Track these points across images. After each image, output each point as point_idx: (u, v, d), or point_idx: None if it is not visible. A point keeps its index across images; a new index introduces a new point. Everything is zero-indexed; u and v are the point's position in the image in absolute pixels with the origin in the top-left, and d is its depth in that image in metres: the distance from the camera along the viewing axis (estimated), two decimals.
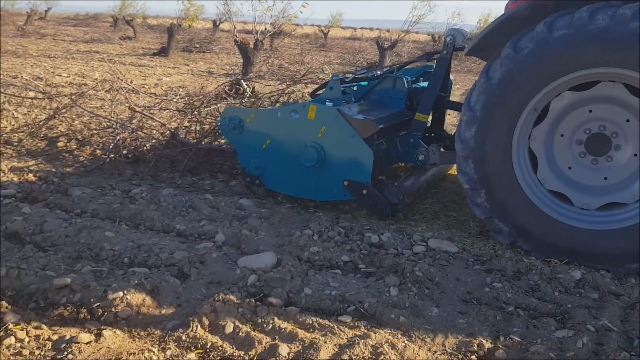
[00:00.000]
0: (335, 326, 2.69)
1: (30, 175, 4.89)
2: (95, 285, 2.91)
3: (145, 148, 5.54)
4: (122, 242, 3.58)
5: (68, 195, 4.44)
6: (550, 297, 3.22)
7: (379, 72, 5.40)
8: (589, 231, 3.55)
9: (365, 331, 2.69)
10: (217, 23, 28.04)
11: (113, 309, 2.75)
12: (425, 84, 5.32)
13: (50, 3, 35.06)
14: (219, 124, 5.08)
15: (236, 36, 12.42)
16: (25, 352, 2.38)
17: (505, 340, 2.75)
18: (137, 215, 4.12)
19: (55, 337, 2.49)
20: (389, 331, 2.72)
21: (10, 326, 2.52)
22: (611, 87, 3.52)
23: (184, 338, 2.56)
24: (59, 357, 2.36)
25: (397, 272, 3.39)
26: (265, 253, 3.51)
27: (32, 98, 7.78)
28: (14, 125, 6.59)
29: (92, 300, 2.82)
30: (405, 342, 2.62)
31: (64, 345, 2.43)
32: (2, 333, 2.47)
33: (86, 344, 2.45)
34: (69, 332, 2.55)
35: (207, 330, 2.65)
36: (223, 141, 5.76)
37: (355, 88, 5.22)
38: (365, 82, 5.33)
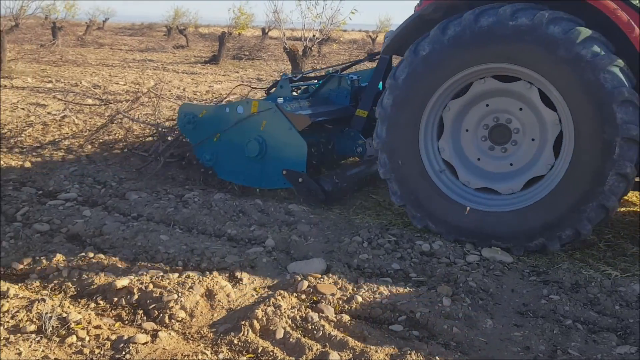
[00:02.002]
0: (386, 335, 2.66)
1: (90, 179, 5.10)
2: (151, 288, 2.99)
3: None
4: (176, 245, 3.68)
5: (125, 199, 4.60)
6: (610, 311, 3.08)
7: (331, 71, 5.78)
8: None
9: (417, 341, 2.64)
10: (266, 31, 28.48)
11: (168, 311, 2.82)
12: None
13: (107, 13, 36.59)
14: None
15: (285, 43, 12.57)
16: (86, 350, 2.47)
17: (563, 355, 2.64)
18: (190, 219, 4.22)
19: (114, 337, 2.58)
20: (442, 342, 2.67)
21: (72, 325, 2.62)
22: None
23: (235, 342, 2.60)
24: (117, 356, 2.44)
25: (450, 281, 3.33)
26: (315, 259, 3.52)
27: (91, 105, 8.12)
28: (74, 131, 6.90)
29: (148, 301, 2.91)
30: (459, 353, 2.56)
31: (122, 345, 2.50)
32: (64, 332, 2.58)
33: (143, 344, 2.52)
34: (126, 333, 2.63)
35: (258, 335, 2.68)
36: None
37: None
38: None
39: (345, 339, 2.60)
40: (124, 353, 2.45)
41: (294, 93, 5.56)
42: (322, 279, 3.22)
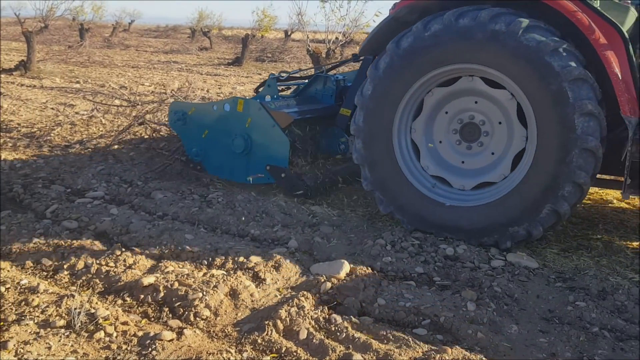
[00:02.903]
0: (410, 339, 2.65)
1: (117, 178, 5.19)
2: (177, 286, 3.03)
3: None
4: (201, 244, 3.72)
5: (151, 199, 4.67)
6: (638, 319, 3.02)
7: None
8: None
9: (442, 345, 2.63)
10: (289, 33, 28.60)
11: (193, 309, 2.85)
12: None
13: (133, 15, 37.18)
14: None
15: (309, 45, 12.60)
16: (114, 346, 2.52)
17: None
18: (214, 219, 4.26)
19: (140, 334, 2.62)
20: (466, 347, 2.65)
21: (100, 321, 2.67)
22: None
23: (259, 341, 2.62)
24: (144, 352, 2.48)
25: (474, 286, 3.30)
26: (338, 261, 3.52)
27: (117, 105, 8.25)
28: (102, 130, 7.02)
29: (173, 299, 2.95)
30: (483, 358, 2.54)
31: (149, 341, 2.54)
32: (92, 327, 2.63)
33: (169, 341, 2.56)
34: (153, 329, 2.67)
35: (281, 335, 2.69)
36: None
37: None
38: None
39: (368, 341, 2.60)
40: (150, 349, 2.49)
41: (287, 92, 5.76)
42: (345, 281, 3.22)
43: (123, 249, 3.56)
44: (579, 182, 3.55)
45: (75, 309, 2.68)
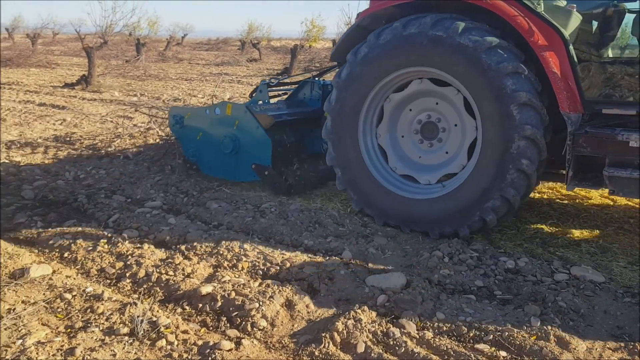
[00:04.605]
0: (472, 355, 2.57)
1: (173, 188, 5.32)
2: (234, 295, 3.06)
3: None
4: (256, 254, 3.75)
5: (206, 208, 4.76)
6: None
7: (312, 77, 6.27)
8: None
9: None
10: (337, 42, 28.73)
11: (250, 319, 2.87)
12: None
13: (186, 29, 38.36)
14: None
15: None
16: (175, 354, 2.56)
17: None
18: (268, 229, 4.30)
19: (200, 342, 2.66)
20: None
21: (162, 329, 2.73)
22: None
23: (316, 353, 2.60)
24: None
25: (537, 300, 3.17)
26: (394, 273, 3.47)
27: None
28: (159, 142, 7.24)
29: (231, 309, 2.98)
30: None
31: (208, 350, 2.57)
32: (154, 335, 2.69)
33: (227, 351, 2.58)
34: (212, 339, 2.70)
35: (338, 347, 2.67)
36: None
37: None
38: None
39: (429, 356, 2.54)
40: (210, 359, 2.52)
41: (283, 97, 6.22)
42: (402, 294, 3.17)
43: (181, 258, 3.64)
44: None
45: (138, 316, 2.75)
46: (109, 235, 4.05)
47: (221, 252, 3.76)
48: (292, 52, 19.68)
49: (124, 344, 2.60)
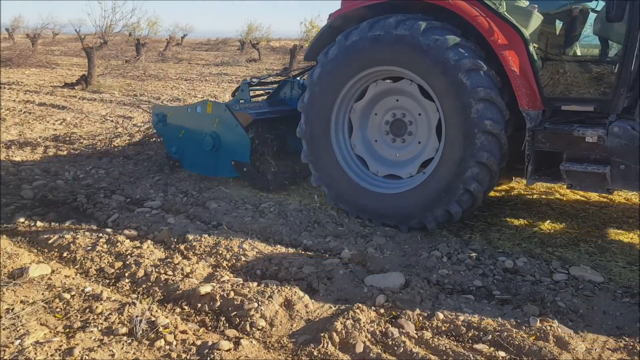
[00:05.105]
0: (471, 355, 2.57)
1: (173, 188, 5.32)
2: (232, 295, 3.06)
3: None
4: (255, 254, 3.75)
5: (205, 208, 4.76)
6: None
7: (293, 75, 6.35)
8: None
9: None
10: None
11: (249, 319, 2.87)
12: None
13: (186, 30, 38.32)
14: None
15: None
16: (174, 354, 2.56)
17: None
18: (267, 228, 4.30)
19: (199, 342, 2.65)
20: None
21: (161, 329, 2.72)
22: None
23: (315, 353, 2.60)
24: None
25: (536, 301, 3.17)
26: (393, 273, 3.47)
27: None
28: (158, 142, 7.22)
29: (229, 309, 2.98)
30: None
31: (207, 350, 2.57)
32: (153, 335, 2.69)
33: (226, 351, 2.58)
34: (210, 339, 2.70)
35: (337, 347, 2.67)
36: None
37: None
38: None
39: (427, 356, 2.54)
40: (208, 359, 2.52)
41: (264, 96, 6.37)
42: (400, 294, 3.17)
43: (181, 258, 3.64)
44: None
45: (136, 316, 2.75)
46: (108, 235, 4.04)
47: (220, 251, 3.76)
48: (291, 53, 19.69)
49: (123, 344, 2.60)
